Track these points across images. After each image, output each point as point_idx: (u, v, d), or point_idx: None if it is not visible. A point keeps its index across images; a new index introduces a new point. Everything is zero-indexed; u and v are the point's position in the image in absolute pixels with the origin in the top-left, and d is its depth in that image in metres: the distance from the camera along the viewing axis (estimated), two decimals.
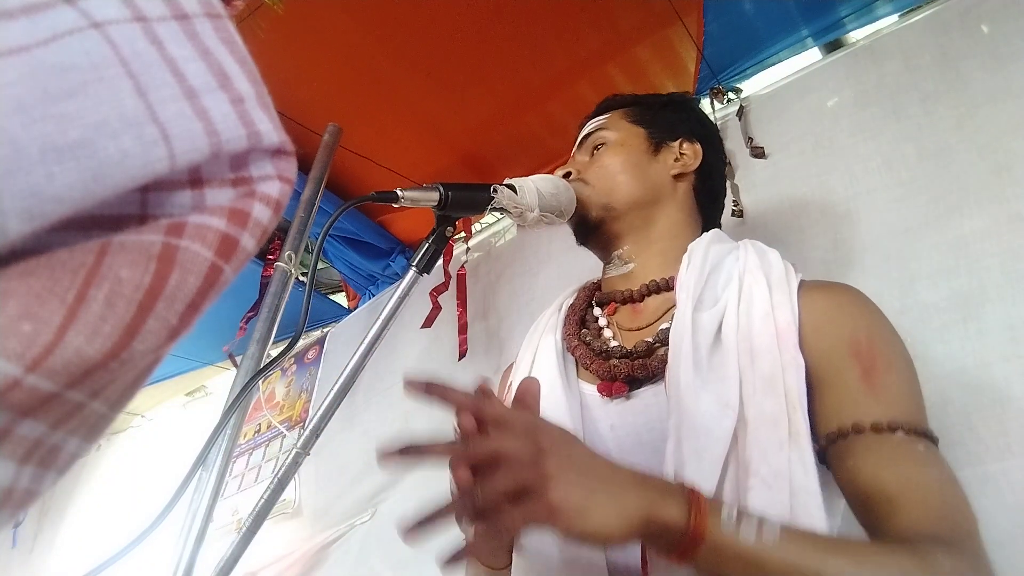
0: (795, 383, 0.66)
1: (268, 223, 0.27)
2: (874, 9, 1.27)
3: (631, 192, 0.89)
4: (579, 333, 0.86)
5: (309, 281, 0.93)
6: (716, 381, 0.68)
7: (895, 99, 1.17)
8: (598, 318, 0.88)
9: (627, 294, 0.86)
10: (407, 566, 1.44)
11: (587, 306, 0.91)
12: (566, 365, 0.83)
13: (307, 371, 2.01)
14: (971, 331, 0.95)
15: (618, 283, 0.89)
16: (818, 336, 0.70)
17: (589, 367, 0.80)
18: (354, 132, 1.44)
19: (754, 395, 0.67)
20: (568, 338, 0.86)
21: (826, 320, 0.71)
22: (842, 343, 0.69)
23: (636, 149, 0.93)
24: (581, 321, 0.89)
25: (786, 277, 0.75)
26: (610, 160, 0.92)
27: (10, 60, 0.20)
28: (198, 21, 0.25)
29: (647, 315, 0.84)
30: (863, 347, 0.69)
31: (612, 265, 0.91)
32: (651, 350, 0.78)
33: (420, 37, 1.34)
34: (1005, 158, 1.02)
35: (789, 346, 0.69)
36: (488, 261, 1.76)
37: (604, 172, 0.91)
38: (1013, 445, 0.86)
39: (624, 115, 0.97)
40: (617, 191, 0.89)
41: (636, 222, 0.89)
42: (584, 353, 0.82)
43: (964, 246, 1.00)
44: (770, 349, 0.68)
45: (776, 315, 0.71)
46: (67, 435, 0.23)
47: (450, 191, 0.71)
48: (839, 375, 0.68)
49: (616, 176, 0.90)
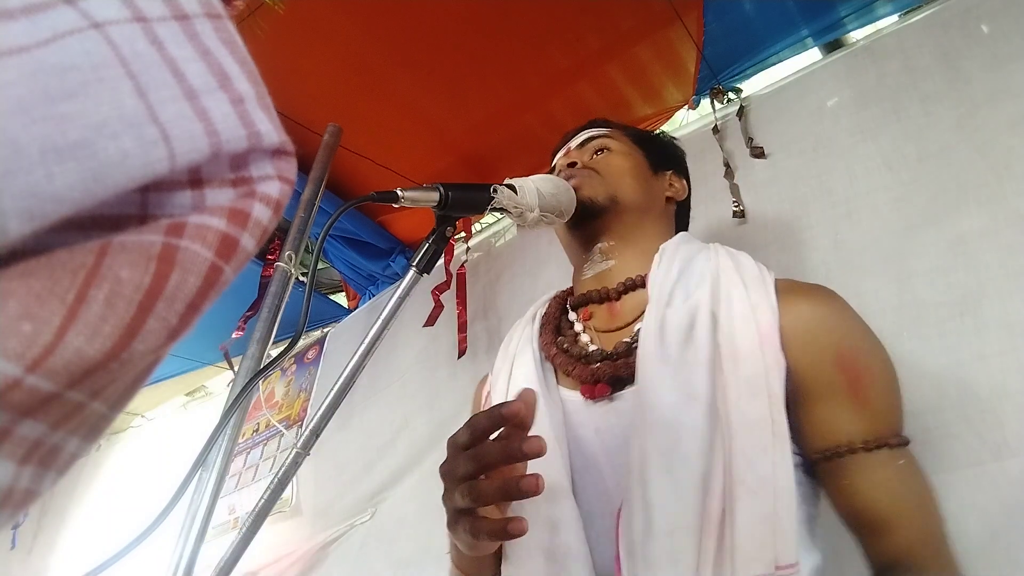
0: (777, 384, 0.67)
1: (268, 223, 0.27)
2: (874, 9, 1.27)
3: (635, 195, 0.92)
4: (556, 341, 0.86)
5: (309, 281, 0.93)
6: (684, 373, 0.69)
7: (895, 99, 1.17)
8: (573, 323, 0.89)
9: (604, 292, 0.87)
10: (407, 566, 1.44)
11: (560, 313, 0.92)
12: (545, 374, 0.84)
13: (307, 371, 2.01)
14: (968, 326, 0.95)
15: (593, 283, 0.90)
16: (800, 342, 0.70)
17: (571, 373, 0.80)
18: (354, 132, 1.44)
19: (739, 400, 0.67)
20: (546, 347, 0.86)
21: (810, 328, 0.71)
22: (828, 354, 0.70)
23: (640, 163, 0.97)
24: (556, 329, 0.90)
25: (761, 277, 0.76)
26: (619, 162, 0.95)
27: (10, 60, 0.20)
28: (198, 21, 0.25)
29: (624, 315, 0.84)
30: (847, 359, 0.70)
31: (591, 261, 0.91)
32: (630, 350, 0.78)
33: (420, 37, 1.34)
34: (1005, 157, 1.02)
35: (772, 349, 0.69)
36: (488, 261, 1.76)
37: (614, 169, 0.93)
38: (1009, 439, 0.87)
39: (624, 134, 1.01)
40: (624, 188, 0.91)
41: (629, 222, 0.91)
42: (564, 360, 0.82)
43: (963, 245, 1.00)
44: (753, 352, 0.69)
45: (757, 317, 0.71)
46: (67, 435, 0.23)
47: (450, 191, 0.71)
48: (827, 389, 0.69)
49: (624, 176, 0.93)
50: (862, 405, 0.68)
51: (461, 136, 1.60)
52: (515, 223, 0.85)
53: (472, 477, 0.60)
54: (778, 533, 0.62)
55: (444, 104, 1.51)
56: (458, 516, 0.61)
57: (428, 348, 1.70)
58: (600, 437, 0.76)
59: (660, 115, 1.53)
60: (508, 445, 0.58)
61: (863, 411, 0.68)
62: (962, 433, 0.90)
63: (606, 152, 0.97)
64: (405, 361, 1.74)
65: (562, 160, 0.98)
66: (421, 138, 1.61)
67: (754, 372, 0.68)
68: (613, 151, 0.97)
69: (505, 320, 1.59)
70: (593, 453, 0.75)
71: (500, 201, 0.76)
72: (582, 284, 0.92)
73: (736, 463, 0.64)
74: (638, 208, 0.91)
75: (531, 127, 1.56)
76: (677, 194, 1.00)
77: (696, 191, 1.11)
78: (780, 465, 0.64)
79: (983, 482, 0.86)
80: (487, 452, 0.59)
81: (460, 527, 0.61)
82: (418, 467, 1.55)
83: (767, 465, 0.64)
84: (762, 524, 0.62)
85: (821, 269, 1.12)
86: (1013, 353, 0.90)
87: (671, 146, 1.07)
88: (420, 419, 1.61)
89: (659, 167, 0.99)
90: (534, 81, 1.46)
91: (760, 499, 0.62)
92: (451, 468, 0.62)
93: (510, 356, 0.89)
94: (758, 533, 0.61)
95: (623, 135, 1.00)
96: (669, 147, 1.06)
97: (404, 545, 1.48)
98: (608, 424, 0.76)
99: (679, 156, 1.06)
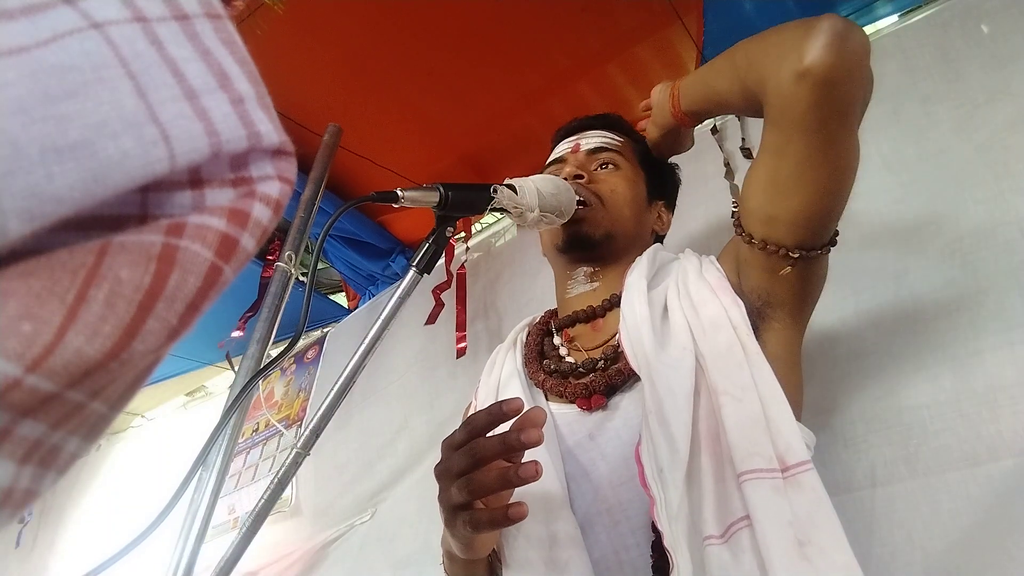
0: (739, 317, 0.73)
1: (268, 223, 0.27)
2: (874, 9, 1.27)
3: (629, 229, 0.94)
4: (542, 366, 0.87)
5: (309, 281, 0.93)
6: (671, 336, 0.75)
7: (895, 99, 1.17)
8: (558, 347, 0.90)
9: (590, 311, 0.88)
10: (407, 566, 1.44)
11: (542, 338, 0.93)
12: (534, 395, 0.85)
13: (306, 371, 2.01)
14: (963, 321, 0.95)
15: (577, 303, 0.91)
16: (742, 278, 0.79)
17: (564, 394, 0.81)
18: (354, 132, 1.44)
19: (704, 335, 0.73)
20: (533, 375, 0.87)
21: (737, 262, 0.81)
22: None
23: (640, 193, 0.97)
24: (540, 354, 0.91)
25: (710, 259, 0.85)
26: (623, 190, 0.95)
27: (10, 60, 0.20)
28: (198, 21, 0.25)
29: (606, 330, 0.87)
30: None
31: (575, 281, 0.93)
32: (617, 354, 0.80)
33: (420, 37, 1.34)
34: (1003, 157, 1.02)
35: (726, 292, 0.77)
36: (488, 261, 1.76)
37: (617, 199, 0.93)
38: (1004, 432, 0.87)
39: (633, 149, 1.00)
40: (621, 223, 0.92)
41: (618, 251, 0.92)
42: (555, 383, 0.83)
43: (961, 244, 1.00)
44: (709, 299, 0.76)
45: (706, 276, 0.80)
46: (67, 435, 0.23)
47: (450, 191, 0.71)
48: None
49: (624, 208, 0.93)
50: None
51: (461, 136, 1.60)
52: (515, 223, 0.85)
53: (467, 472, 0.60)
54: (778, 434, 0.64)
55: (444, 104, 1.51)
56: (456, 512, 0.61)
57: (427, 348, 1.70)
58: (595, 442, 0.77)
59: None
60: (505, 436, 0.58)
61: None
62: (958, 429, 0.90)
63: (612, 169, 0.96)
64: (405, 361, 1.74)
65: (571, 165, 0.97)
66: (421, 138, 1.61)
67: (714, 312, 0.74)
68: (620, 171, 0.96)
69: (505, 320, 1.59)
70: (590, 459, 0.76)
71: (500, 201, 0.76)
72: (567, 303, 0.93)
73: (715, 379, 0.69)
74: (628, 240, 0.93)
75: (531, 127, 1.56)
76: (662, 228, 1.01)
77: (696, 191, 1.11)
78: (759, 376, 0.68)
79: (979, 477, 0.87)
80: (483, 446, 0.60)
81: (458, 522, 0.61)
82: (418, 467, 1.55)
83: (745, 376, 0.68)
84: (753, 425, 0.64)
85: None
86: (1009, 350, 0.91)
87: (672, 175, 1.07)
88: (420, 419, 1.61)
89: (654, 196, 1.00)
90: (534, 81, 1.46)
91: (745, 404, 0.66)
92: (446, 467, 0.63)
93: (494, 384, 0.90)
94: (749, 432, 0.64)
95: (632, 151, 1.00)
96: (670, 176, 1.06)
97: (404, 545, 1.48)
98: (601, 428, 0.77)
99: (675, 187, 1.07)
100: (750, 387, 0.67)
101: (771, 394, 0.67)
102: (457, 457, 0.61)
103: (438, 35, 1.34)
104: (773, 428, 0.64)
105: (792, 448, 0.63)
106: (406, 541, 1.48)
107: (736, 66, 0.76)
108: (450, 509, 0.62)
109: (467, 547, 0.66)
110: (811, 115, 0.65)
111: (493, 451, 0.59)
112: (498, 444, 0.59)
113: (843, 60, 0.63)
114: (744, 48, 0.75)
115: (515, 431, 0.58)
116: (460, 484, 0.60)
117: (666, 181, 1.04)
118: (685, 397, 0.68)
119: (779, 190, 0.71)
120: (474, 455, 0.60)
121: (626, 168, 0.97)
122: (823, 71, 0.63)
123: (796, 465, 0.62)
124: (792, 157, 0.69)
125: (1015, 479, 0.84)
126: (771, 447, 0.63)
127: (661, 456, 0.66)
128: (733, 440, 0.64)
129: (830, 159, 0.68)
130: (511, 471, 0.57)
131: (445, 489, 0.63)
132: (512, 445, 0.58)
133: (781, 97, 0.67)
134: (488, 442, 0.60)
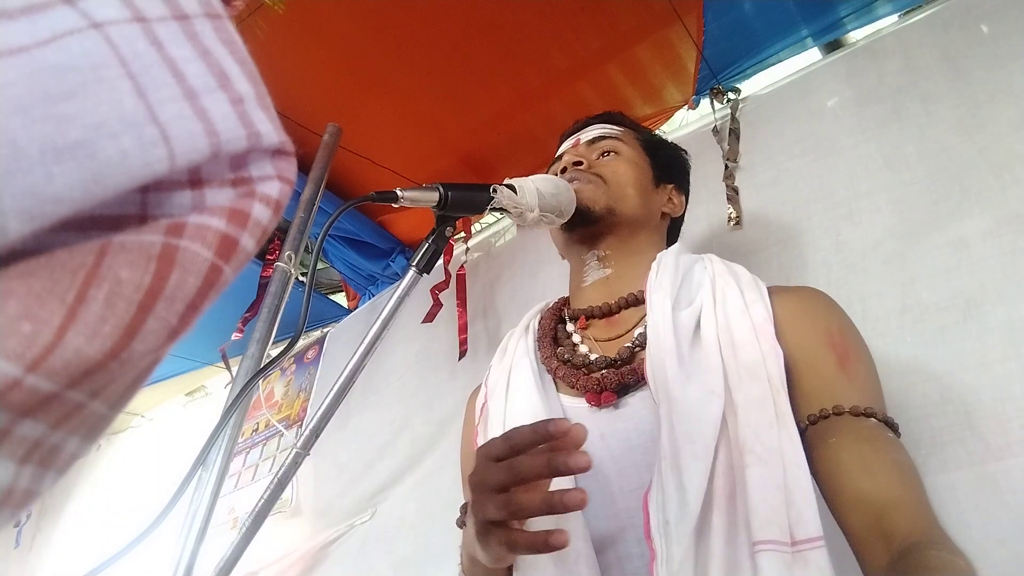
0: (776, 370, 0.70)
1: (268, 223, 0.27)
2: (874, 9, 1.27)
3: (634, 208, 0.92)
4: (556, 352, 0.86)
5: (309, 281, 0.93)
6: (699, 373, 0.72)
7: (895, 99, 1.17)
8: (571, 334, 0.89)
9: (604, 308, 0.87)
10: (407, 566, 1.44)
11: (555, 324, 0.92)
12: (544, 385, 0.84)
13: (306, 371, 2.01)
14: (971, 331, 0.95)
15: (592, 296, 0.90)
16: (793, 329, 0.74)
17: (575, 384, 0.80)
18: (354, 132, 1.44)
19: (740, 382, 0.70)
20: (547, 360, 0.86)
21: (799, 315, 0.76)
22: (817, 334, 0.74)
23: (645, 175, 0.97)
24: (554, 340, 0.90)
25: (754, 282, 0.80)
26: (625, 171, 0.94)
27: (10, 60, 0.20)
28: (198, 21, 0.25)
29: (622, 325, 0.86)
30: (836, 338, 0.74)
31: (588, 267, 0.92)
32: (634, 355, 0.80)
33: (420, 37, 1.34)
34: (1006, 157, 1.02)
35: (767, 337, 0.73)
36: (488, 261, 1.76)
37: (619, 179, 0.93)
38: (1013, 444, 0.86)
39: (635, 136, 1.00)
40: (625, 201, 0.92)
41: (624, 234, 0.91)
42: (567, 372, 0.82)
43: (965, 247, 1.00)
44: (749, 341, 0.72)
45: (751, 312, 0.75)
46: (67, 435, 0.23)
47: (450, 191, 0.71)
48: (817, 362, 0.72)
49: (627, 187, 0.93)
50: (850, 378, 0.71)
51: (461, 136, 1.60)
52: (515, 223, 0.86)
53: (505, 488, 0.58)
54: (792, 504, 0.62)
55: (444, 104, 1.51)
56: (489, 528, 0.59)
57: (427, 348, 1.70)
58: (606, 442, 0.76)
59: (660, 115, 1.53)
60: (552, 458, 0.55)
61: (851, 383, 0.71)
62: (965, 436, 0.89)
63: (614, 156, 0.96)
64: (405, 361, 1.74)
65: (570, 155, 0.97)
66: (421, 138, 1.61)
67: (752, 358, 0.71)
68: (621, 156, 0.96)
69: (505, 320, 1.59)
70: (599, 459, 0.75)
71: (500, 201, 0.76)
72: (582, 293, 0.92)
73: (743, 435, 0.66)
74: (635, 221, 0.92)
75: (531, 127, 1.56)
76: (674, 210, 1.00)
77: (696, 192, 1.11)
78: (787, 440, 0.66)
79: (986, 485, 0.86)
80: (526, 465, 0.57)
81: (493, 539, 0.59)
82: (418, 467, 1.55)
83: (773, 438, 0.65)
84: (775, 491, 0.62)
85: (822, 270, 1.12)
86: (1016, 357, 0.90)
87: (679, 158, 1.05)
88: (419, 419, 1.61)
89: (662, 179, 0.99)
90: (534, 81, 1.46)
91: (770, 467, 0.64)
92: (483, 478, 0.60)
93: (506, 368, 0.89)
94: (771, 499, 0.62)
95: (634, 139, 0.99)
96: (677, 159, 1.05)
97: (404, 545, 1.48)
98: (612, 429, 0.76)
99: (685, 170, 1.05)
100: (776, 450, 0.64)
101: (794, 460, 0.65)
102: (496, 471, 0.58)
103: (438, 35, 1.33)
104: (791, 500, 0.62)
105: (804, 521, 0.61)
106: (406, 541, 1.48)
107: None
108: (484, 523, 0.60)
109: (498, 560, 0.64)
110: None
111: (536, 472, 0.56)
112: (543, 467, 0.56)
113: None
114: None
115: (562, 455, 0.55)
116: (500, 501, 0.57)
117: (674, 164, 1.03)
118: (705, 447, 0.66)
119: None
120: (515, 473, 0.57)
121: (627, 153, 0.97)
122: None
123: (806, 540, 0.60)
124: None
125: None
126: (786, 519, 0.61)
127: (670, 508, 0.64)
128: (754, 505, 0.62)
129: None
130: (555, 498, 0.54)
131: (480, 502, 0.60)
132: (558, 470, 0.55)
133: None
134: (531, 461, 0.57)
